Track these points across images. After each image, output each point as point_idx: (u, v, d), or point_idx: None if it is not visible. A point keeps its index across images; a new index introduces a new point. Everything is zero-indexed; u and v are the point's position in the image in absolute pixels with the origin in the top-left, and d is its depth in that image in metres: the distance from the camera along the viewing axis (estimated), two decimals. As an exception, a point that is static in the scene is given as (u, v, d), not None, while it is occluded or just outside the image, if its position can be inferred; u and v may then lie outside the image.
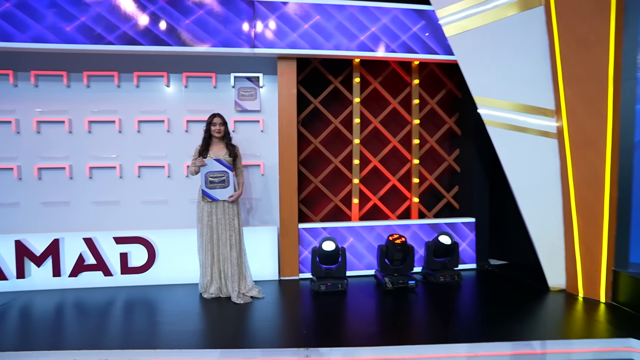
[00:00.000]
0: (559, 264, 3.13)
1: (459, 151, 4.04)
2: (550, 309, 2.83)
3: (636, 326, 2.44)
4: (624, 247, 2.81)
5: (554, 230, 3.13)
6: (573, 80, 3.00)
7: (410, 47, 3.52)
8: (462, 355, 2.19)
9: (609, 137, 2.84)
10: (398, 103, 3.87)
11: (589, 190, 2.94)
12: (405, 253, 3.14)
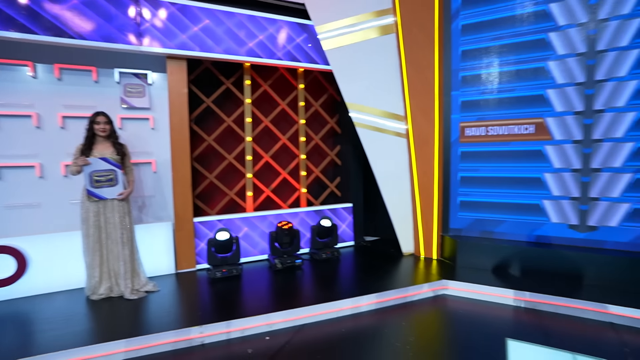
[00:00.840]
0: (409, 234, 4.08)
1: (339, 147, 4.75)
2: (402, 268, 3.70)
3: (451, 272, 3.46)
4: (446, 218, 3.88)
5: (405, 209, 4.06)
6: (415, 94, 3.93)
7: (294, 56, 4.00)
8: (347, 307, 2.79)
9: (437, 137, 3.85)
10: (286, 104, 4.34)
11: (425, 177, 3.93)
12: (293, 237, 3.65)
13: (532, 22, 3.42)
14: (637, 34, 3.05)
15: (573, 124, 3.33)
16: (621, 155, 3.18)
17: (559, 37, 3.32)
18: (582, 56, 3.25)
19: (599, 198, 3.28)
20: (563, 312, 2.83)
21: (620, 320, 2.67)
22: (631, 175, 3.15)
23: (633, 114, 3.11)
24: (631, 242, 3.19)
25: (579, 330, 2.59)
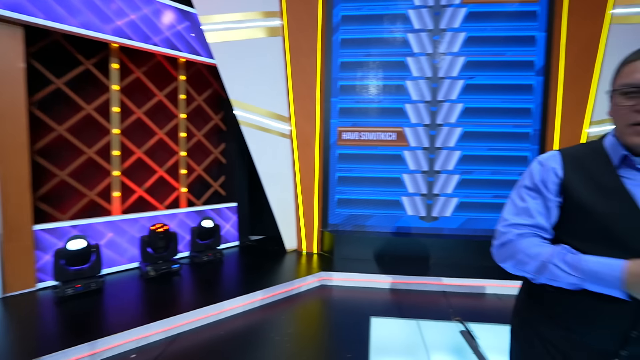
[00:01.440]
0: (292, 231, 4.28)
1: (224, 145, 4.61)
2: (285, 264, 3.84)
3: (330, 264, 3.78)
4: (325, 214, 4.22)
5: (288, 207, 4.23)
6: (298, 97, 4.14)
7: (174, 44, 3.69)
8: (227, 309, 2.70)
9: (318, 139, 4.15)
10: (164, 96, 3.96)
11: (307, 176, 4.18)
12: (169, 240, 3.37)
13: (396, 47, 4.04)
14: (462, 68, 3.96)
15: (422, 134, 4.08)
16: (453, 161, 4.06)
17: (414, 62, 4.03)
18: (429, 80, 4.02)
19: (439, 194, 4.11)
20: (414, 288, 3.44)
21: (449, 289, 3.42)
22: (459, 176, 4.06)
23: (460, 129, 4.02)
24: (459, 228, 4.12)
25: (423, 301, 3.20)
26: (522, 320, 0.99)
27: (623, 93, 0.79)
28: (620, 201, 0.80)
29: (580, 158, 0.87)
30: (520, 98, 3.94)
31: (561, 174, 0.87)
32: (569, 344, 0.86)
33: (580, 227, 0.84)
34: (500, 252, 0.93)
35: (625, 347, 0.79)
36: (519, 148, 3.99)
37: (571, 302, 0.84)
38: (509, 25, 3.90)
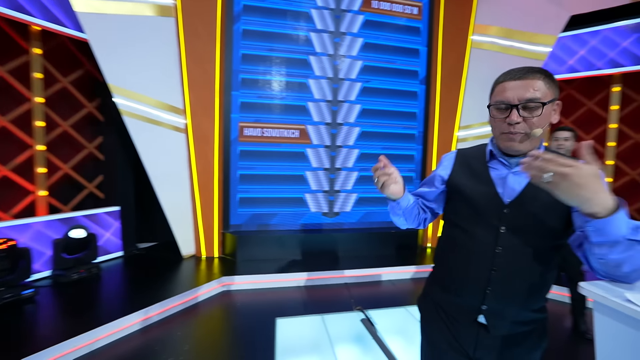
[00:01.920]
0: (189, 235, 3.88)
1: (102, 138, 3.87)
2: (181, 272, 3.45)
3: (232, 267, 3.55)
4: (227, 215, 3.96)
5: (184, 209, 3.82)
6: (195, 87, 3.75)
7: (20, 5, 2.88)
8: (102, 337, 2.21)
9: (217, 135, 3.85)
10: (7, 72, 3.07)
11: (205, 175, 3.84)
12: (16, 259, 2.62)
13: (299, 44, 4.03)
14: (360, 72, 4.21)
15: (324, 132, 4.19)
16: (352, 159, 4.30)
17: (316, 61, 4.09)
18: (330, 80, 4.14)
19: (340, 190, 4.30)
20: (318, 283, 3.51)
21: (350, 280, 3.61)
22: (357, 173, 4.33)
23: (358, 128, 4.27)
24: (358, 222, 4.39)
25: (327, 295, 3.29)
26: (424, 293, 1.19)
27: (497, 108, 0.96)
28: (482, 185, 1.01)
29: (467, 156, 1.10)
30: (408, 103, 4.41)
31: (451, 169, 1.11)
32: (450, 305, 1.05)
33: (458, 206, 1.06)
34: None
35: (484, 302, 0.97)
36: (407, 147, 4.47)
37: (448, 264, 1.06)
38: (399, 37, 4.31)
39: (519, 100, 0.91)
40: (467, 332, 1.01)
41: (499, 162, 1.01)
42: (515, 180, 0.98)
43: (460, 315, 1.03)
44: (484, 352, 1.00)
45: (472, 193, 1.01)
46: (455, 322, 1.04)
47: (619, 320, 0.72)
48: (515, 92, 0.91)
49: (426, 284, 1.20)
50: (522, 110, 0.90)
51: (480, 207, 0.99)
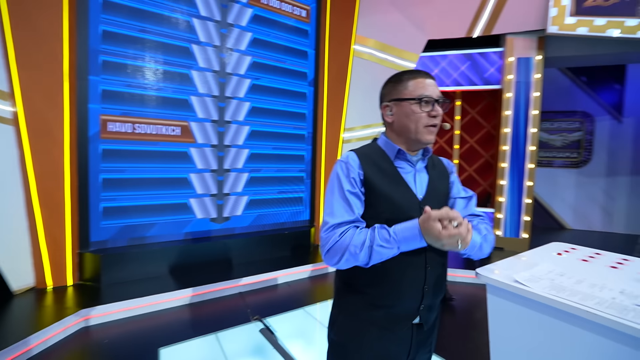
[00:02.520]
0: (24, 260, 2.91)
1: None
2: (12, 314, 2.55)
3: (95, 296, 2.84)
4: (85, 230, 3.15)
5: (14, 227, 2.84)
6: (29, 66, 2.82)
7: None
8: None
9: (67, 128, 3.01)
10: None
11: (50, 180, 2.95)
12: None
13: (180, 29, 3.52)
14: (249, 68, 4.00)
15: (211, 130, 3.81)
16: (242, 159, 4.05)
17: (200, 52, 3.66)
18: (216, 73, 3.78)
19: (229, 193, 4.00)
20: (210, 297, 3.16)
21: (245, 288, 3.39)
22: (248, 174, 4.11)
23: (248, 127, 4.06)
24: (250, 225, 4.18)
25: (220, 309, 3.00)
26: (345, 315, 1.05)
27: (419, 102, 0.98)
28: (399, 185, 1.01)
29: (369, 155, 1.04)
30: (297, 103, 4.44)
31: (361, 170, 1.00)
32: (388, 316, 0.98)
33: (379, 210, 0.99)
34: (331, 256, 0.94)
35: (422, 302, 0.98)
36: (297, 148, 4.50)
37: (378, 274, 0.98)
38: (289, 37, 4.29)
39: (437, 96, 0.99)
40: (402, 338, 1.01)
41: (403, 161, 1.04)
42: (420, 177, 1.05)
43: (397, 325, 0.99)
44: (416, 348, 1.03)
45: (392, 194, 0.98)
46: (390, 333, 1.00)
47: (509, 299, 0.80)
48: (434, 89, 1.00)
49: (344, 305, 1.05)
50: (439, 105, 1.00)
51: (404, 207, 0.98)
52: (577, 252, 1.01)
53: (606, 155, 6.04)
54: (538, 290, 0.74)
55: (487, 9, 4.45)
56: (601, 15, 3.97)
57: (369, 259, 0.91)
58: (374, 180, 0.99)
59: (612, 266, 0.90)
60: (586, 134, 6.19)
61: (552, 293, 0.72)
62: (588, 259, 0.95)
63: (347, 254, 0.91)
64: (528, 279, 0.80)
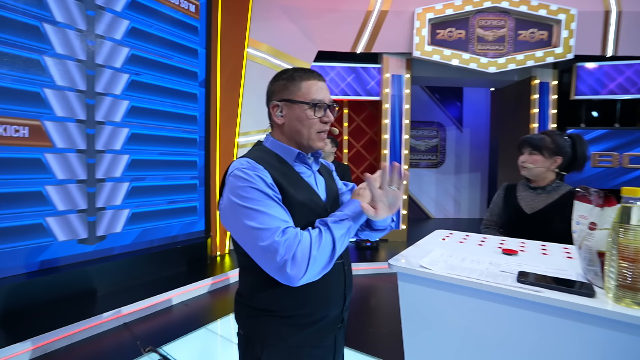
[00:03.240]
0: None
1: None
2: None
3: None
4: None
5: None
6: None
7: None
8: None
9: None
10: None
11: None
12: None
13: (24, 0, 2.77)
14: (127, 61, 3.47)
15: (76, 132, 3.14)
16: (120, 166, 3.48)
17: (57, 34, 2.98)
18: (82, 64, 3.14)
19: (105, 207, 3.37)
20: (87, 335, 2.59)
21: (130, 317, 2.91)
22: (129, 184, 3.55)
23: (127, 129, 3.51)
24: (133, 243, 3.61)
25: (101, 347, 2.49)
26: (271, 349, 0.92)
27: (312, 107, 0.92)
28: (305, 190, 0.94)
29: (268, 161, 0.92)
30: (187, 105, 4.07)
31: (269, 174, 0.88)
32: (317, 331, 0.92)
33: (293, 214, 0.88)
34: (296, 268, 0.77)
35: (345, 304, 0.98)
36: (188, 153, 4.13)
37: (308, 295, 0.90)
38: (176, 32, 3.89)
39: (329, 101, 0.95)
40: (329, 344, 0.99)
41: (302, 165, 0.99)
42: (319, 180, 1.02)
43: (326, 336, 0.96)
44: (340, 350, 1.04)
45: (303, 199, 0.90)
46: (319, 348, 0.95)
47: (416, 283, 0.93)
48: (326, 93, 0.95)
49: (270, 340, 0.91)
50: (330, 111, 0.96)
51: (315, 212, 0.92)
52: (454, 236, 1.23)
53: (454, 157, 7.57)
54: (440, 271, 0.87)
55: (368, 29, 5.02)
56: (447, 47, 4.97)
57: (341, 248, 0.84)
58: (283, 185, 0.89)
59: (478, 244, 1.14)
60: (441, 140, 7.63)
61: (449, 272, 0.86)
62: (463, 241, 1.17)
63: (320, 259, 0.80)
64: (430, 263, 0.93)
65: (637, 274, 0.64)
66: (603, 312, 0.66)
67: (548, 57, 4.92)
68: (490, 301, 0.80)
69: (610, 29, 4.99)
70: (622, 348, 0.66)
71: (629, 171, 5.45)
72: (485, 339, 0.82)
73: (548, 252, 1.08)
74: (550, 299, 0.71)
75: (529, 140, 1.50)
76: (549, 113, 5.38)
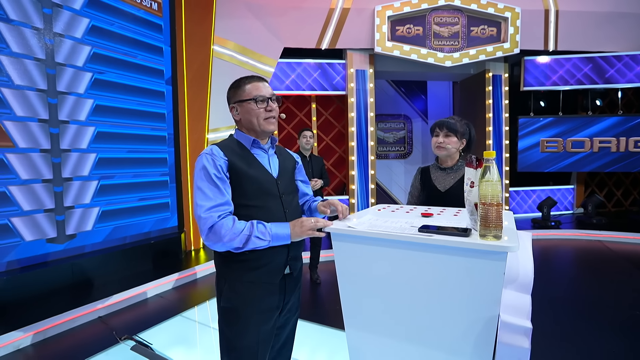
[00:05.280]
0: None
1: None
2: None
3: None
4: None
5: None
6: None
7: None
8: None
9: None
10: None
11: None
12: None
13: (-29, 0, 2.74)
14: (90, 59, 3.47)
15: (39, 132, 3.13)
16: (88, 165, 3.49)
17: (12, 32, 2.95)
18: (41, 62, 3.13)
19: (74, 206, 3.38)
20: (60, 330, 2.65)
21: (106, 311, 2.98)
22: (98, 182, 3.57)
23: (93, 128, 3.52)
24: (105, 240, 3.64)
25: (75, 340, 2.56)
26: (230, 282, 1.20)
27: (257, 101, 1.23)
28: (257, 168, 1.24)
29: (229, 146, 1.25)
30: (154, 102, 4.10)
31: (225, 157, 1.19)
32: (262, 275, 1.18)
33: (246, 189, 1.20)
34: (210, 237, 1.12)
35: (289, 254, 1.24)
36: (157, 150, 4.16)
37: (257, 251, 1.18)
38: (139, 30, 3.90)
39: (270, 94, 1.26)
40: (279, 287, 1.22)
41: (258, 149, 1.28)
42: (273, 160, 1.32)
43: (271, 278, 1.20)
44: (290, 294, 1.28)
45: (255, 175, 1.21)
46: (269, 285, 1.20)
47: (346, 240, 1.13)
48: (267, 90, 1.26)
49: (227, 275, 1.21)
50: (272, 102, 1.27)
51: (264, 184, 1.22)
52: (389, 208, 1.45)
53: (421, 148, 7.95)
54: (361, 229, 1.08)
55: (331, 26, 5.21)
56: (406, 43, 5.25)
57: (245, 247, 1.12)
58: (237, 165, 1.19)
59: (407, 212, 1.36)
60: (408, 132, 7.98)
61: (369, 229, 1.07)
62: (395, 210, 1.40)
63: (225, 241, 1.10)
64: (356, 224, 1.14)
65: (491, 215, 0.87)
66: (470, 245, 0.89)
67: (498, 52, 5.32)
68: (398, 248, 1.02)
69: (551, 26, 5.45)
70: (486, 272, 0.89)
71: (572, 155, 6.00)
72: (398, 280, 1.04)
73: (459, 214, 1.32)
74: (436, 239, 0.93)
75: (447, 124, 1.73)
76: (502, 103, 5.81)
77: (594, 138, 5.91)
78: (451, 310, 0.95)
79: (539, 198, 6.32)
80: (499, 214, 0.87)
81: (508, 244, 0.83)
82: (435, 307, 0.98)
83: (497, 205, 0.87)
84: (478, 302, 0.90)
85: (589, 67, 5.77)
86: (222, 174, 1.17)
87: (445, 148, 1.73)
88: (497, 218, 0.87)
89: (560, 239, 5.22)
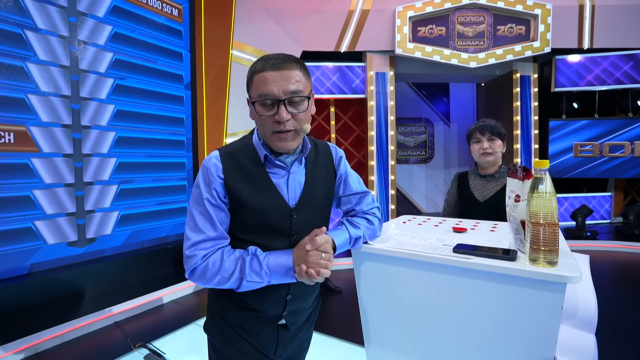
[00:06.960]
0: None
1: None
2: None
3: None
4: None
5: None
6: None
7: None
8: None
9: None
10: None
11: None
12: None
13: (4, 8, 2.82)
14: (112, 66, 3.52)
15: (62, 137, 3.19)
16: (108, 169, 3.53)
17: (40, 40, 3.02)
18: (66, 69, 3.19)
19: (94, 210, 3.42)
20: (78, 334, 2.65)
21: (122, 316, 2.97)
22: (117, 186, 3.60)
23: (114, 133, 3.56)
24: (124, 244, 3.66)
25: (92, 345, 2.55)
26: (213, 314, 1.03)
27: (261, 103, 0.85)
28: (266, 192, 0.90)
29: (234, 154, 0.91)
30: (173, 107, 4.13)
31: (222, 175, 0.88)
32: (249, 320, 0.97)
33: (245, 220, 0.90)
34: (196, 279, 0.88)
35: (285, 309, 0.98)
36: (176, 155, 4.18)
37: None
38: (160, 36, 3.94)
39: (284, 93, 0.83)
40: (269, 338, 1.00)
41: (275, 166, 0.92)
42: (294, 182, 0.94)
43: (261, 327, 0.98)
44: (284, 346, 1.03)
45: (258, 202, 0.88)
46: (256, 334, 0.98)
47: (369, 259, 1.01)
48: (279, 85, 0.83)
49: (213, 307, 1.03)
50: (289, 105, 0.85)
51: (272, 217, 0.90)
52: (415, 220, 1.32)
53: (443, 152, 7.68)
54: (386, 246, 0.95)
55: (350, 28, 5.11)
56: (428, 44, 5.07)
57: (238, 288, 0.88)
58: (237, 186, 0.88)
59: (435, 225, 1.22)
60: (429, 136, 7.74)
61: (395, 248, 0.94)
62: (422, 223, 1.26)
63: (217, 282, 0.86)
64: (379, 241, 1.02)
65: (545, 236, 0.73)
66: (519, 272, 0.75)
67: (527, 51, 5.04)
68: (428, 271, 0.88)
69: (586, 22, 5.12)
70: (538, 305, 0.75)
71: (609, 160, 5.59)
72: (428, 306, 0.91)
73: (496, 229, 1.17)
74: (476, 263, 0.80)
75: (489, 127, 1.58)
76: (531, 106, 5.51)
77: (635, 142, 5.49)
78: (495, 348, 0.81)
79: (571, 206, 5.93)
80: (555, 236, 0.73)
81: (568, 272, 0.69)
82: (473, 341, 0.84)
83: (551, 224, 0.73)
84: (528, 339, 0.75)
85: (630, 65, 5.38)
86: (217, 201, 0.87)
87: (492, 154, 1.57)
88: (552, 240, 0.73)
89: (597, 250, 4.86)
